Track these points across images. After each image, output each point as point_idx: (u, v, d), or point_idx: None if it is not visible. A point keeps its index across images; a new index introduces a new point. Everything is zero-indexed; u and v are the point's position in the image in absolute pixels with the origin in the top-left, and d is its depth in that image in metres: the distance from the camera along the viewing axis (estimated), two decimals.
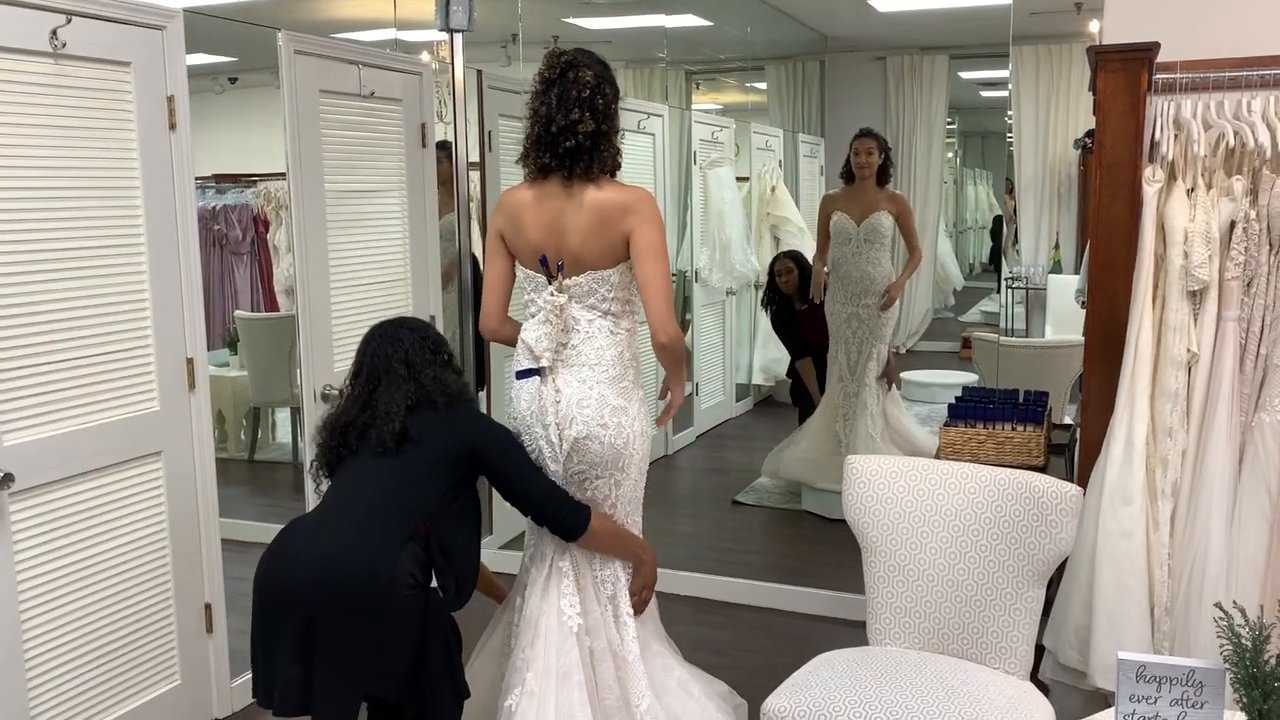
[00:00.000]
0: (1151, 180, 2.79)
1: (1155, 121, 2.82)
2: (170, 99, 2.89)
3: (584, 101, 2.50)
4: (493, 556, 4.11)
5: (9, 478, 2.48)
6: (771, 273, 5.20)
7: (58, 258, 2.62)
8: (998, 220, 5.65)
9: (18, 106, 2.51)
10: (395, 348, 2.51)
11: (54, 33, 2.56)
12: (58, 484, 2.65)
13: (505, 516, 4.55)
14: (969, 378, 4.85)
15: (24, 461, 2.54)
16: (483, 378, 4.48)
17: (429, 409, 2.46)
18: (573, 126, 2.49)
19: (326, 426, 2.52)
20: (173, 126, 2.90)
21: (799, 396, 5.24)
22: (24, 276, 2.54)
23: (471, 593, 2.49)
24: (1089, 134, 4.55)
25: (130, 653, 2.87)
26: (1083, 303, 3.99)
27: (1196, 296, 2.76)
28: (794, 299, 5.13)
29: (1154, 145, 2.83)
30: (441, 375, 2.53)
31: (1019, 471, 2.57)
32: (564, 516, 2.50)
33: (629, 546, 2.65)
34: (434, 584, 2.34)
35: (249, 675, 2.68)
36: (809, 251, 5.32)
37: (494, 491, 4.47)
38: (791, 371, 5.37)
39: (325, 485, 2.51)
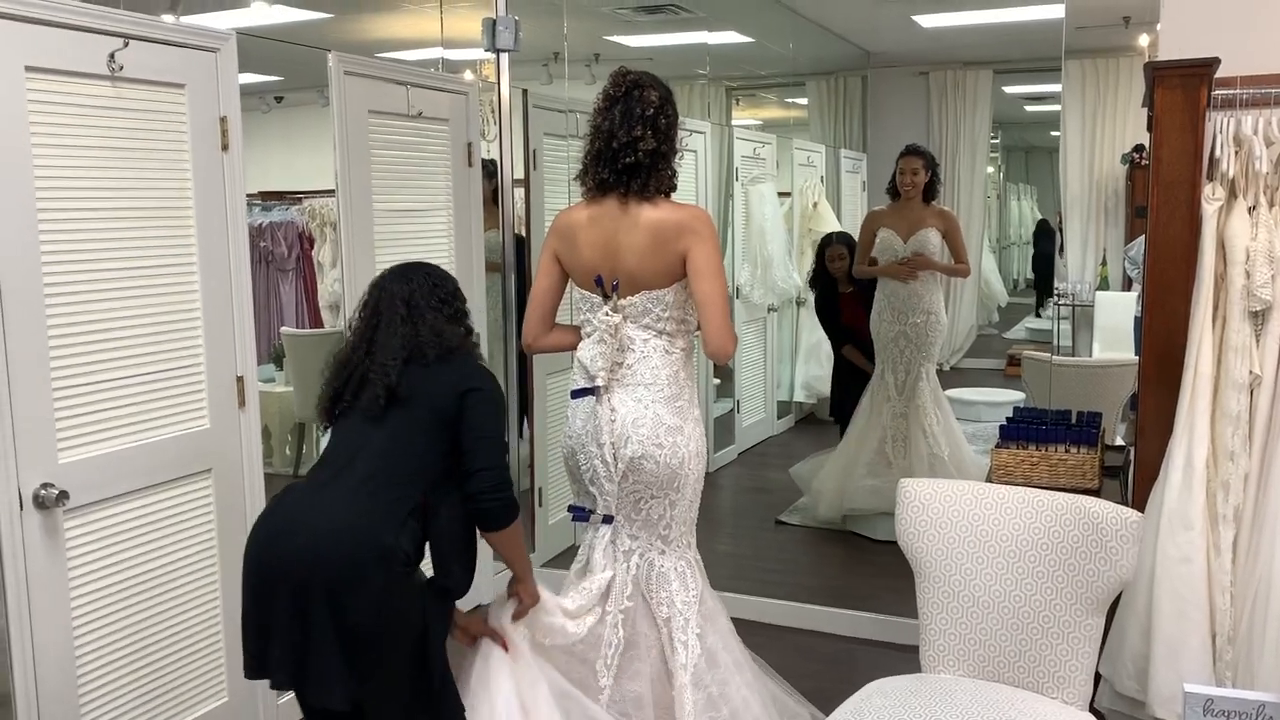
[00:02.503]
0: (1211, 198, 2.74)
1: (1215, 138, 2.77)
2: (223, 120, 2.92)
3: (647, 119, 2.51)
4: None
5: (64, 495, 2.50)
6: (820, 255, 5.10)
7: (112, 276, 2.65)
8: (1042, 225, 5.55)
9: (77, 128, 2.54)
10: (401, 286, 2.40)
11: (111, 56, 2.59)
12: (110, 501, 2.67)
13: (548, 532, 4.54)
14: (1015, 396, 4.78)
15: (78, 479, 2.56)
16: (526, 401, 4.48)
17: (419, 364, 2.33)
18: (634, 143, 2.50)
19: (331, 366, 2.43)
20: (225, 147, 2.93)
21: (840, 411, 5.18)
22: (80, 295, 2.57)
23: (472, 576, 2.37)
24: (1136, 148, 4.49)
25: (179, 669, 2.88)
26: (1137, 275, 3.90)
27: (1259, 317, 2.70)
28: (840, 282, 5.06)
29: (1213, 162, 2.77)
30: (440, 326, 2.38)
31: (1077, 496, 2.52)
32: (495, 501, 2.29)
33: (523, 558, 2.49)
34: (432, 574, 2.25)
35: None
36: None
37: (536, 508, 4.47)
38: (834, 389, 5.32)
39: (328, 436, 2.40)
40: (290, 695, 3.18)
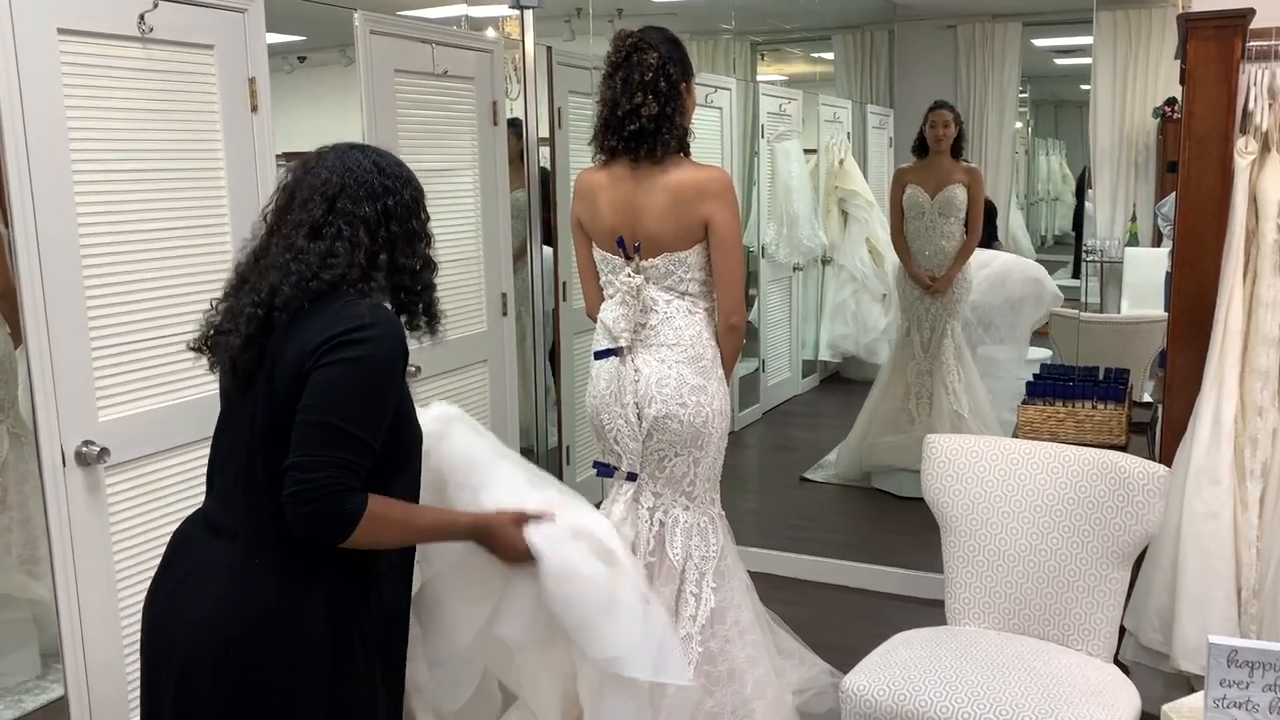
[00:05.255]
0: (1244, 152, 2.72)
1: (1248, 90, 2.74)
2: (252, 81, 2.93)
3: (646, 84, 2.50)
4: None
5: (105, 452, 2.56)
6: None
7: (147, 238, 2.69)
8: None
9: (109, 90, 2.57)
10: (332, 170, 1.67)
11: (142, 17, 2.60)
12: (149, 458, 2.72)
13: (576, 490, 4.57)
14: (1043, 353, 4.77)
15: (118, 436, 2.61)
16: (554, 359, 4.52)
17: (269, 308, 1.61)
18: (636, 110, 2.50)
19: (231, 277, 1.74)
20: (254, 108, 2.95)
21: None
22: (116, 257, 2.61)
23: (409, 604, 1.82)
24: (1169, 102, 4.43)
25: None
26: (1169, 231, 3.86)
27: None
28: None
29: (1246, 115, 2.74)
30: (336, 253, 1.61)
31: (1103, 451, 2.53)
32: (304, 514, 1.54)
33: (436, 527, 1.80)
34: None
35: None
36: (878, 225, 5.25)
37: (563, 466, 4.51)
38: None
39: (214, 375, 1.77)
40: None
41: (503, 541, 1.80)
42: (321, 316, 1.59)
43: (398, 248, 1.69)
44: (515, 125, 4.20)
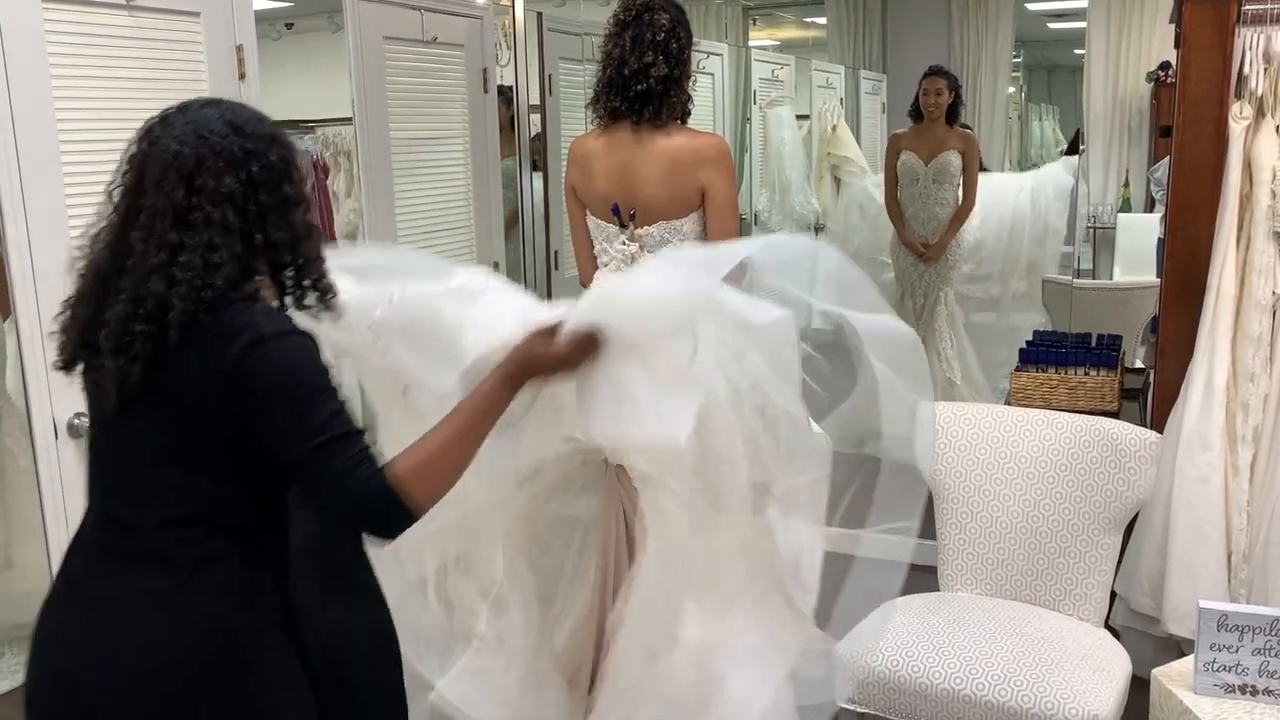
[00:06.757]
0: (1239, 117, 2.71)
1: (1244, 55, 2.73)
2: (239, 48, 2.90)
3: (658, 45, 2.46)
4: None
5: None
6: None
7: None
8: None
9: (95, 58, 2.54)
10: (182, 144, 1.41)
11: None
12: None
13: None
14: (1036, 320, 4.77)
15: None
16: None
17: (161, 323, 1.37)
18: (645, 70, 2.46)
19: (74, 288, 1.51)
20: (242, 76, 2.92)
21: None
22: None
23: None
24: (1163, 66, 4.41)
25: None
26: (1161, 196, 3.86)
27: None
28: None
29: (1241, 80, 2.73)
30: (214, 242, 1.37)
31: (1095, 418, 2.55)
32: (366, 520, 1.41)
33: (477, 417, 1.52)
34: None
35: None
36: (872, 190, 5.23)
37: None
38: None
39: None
40: None
41: (549, 359, 1.63)
42: (214, 332, 1.38)
43: (269, 221, 1.44)
44: (505, 93, 4.16)
